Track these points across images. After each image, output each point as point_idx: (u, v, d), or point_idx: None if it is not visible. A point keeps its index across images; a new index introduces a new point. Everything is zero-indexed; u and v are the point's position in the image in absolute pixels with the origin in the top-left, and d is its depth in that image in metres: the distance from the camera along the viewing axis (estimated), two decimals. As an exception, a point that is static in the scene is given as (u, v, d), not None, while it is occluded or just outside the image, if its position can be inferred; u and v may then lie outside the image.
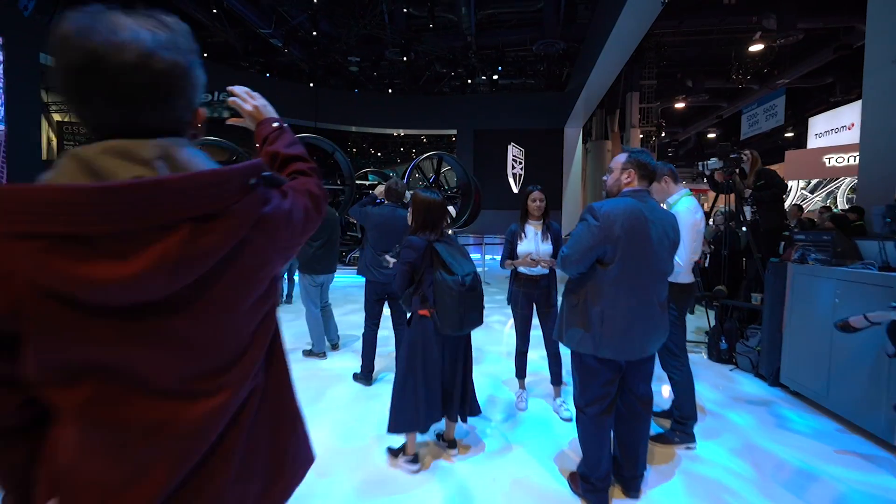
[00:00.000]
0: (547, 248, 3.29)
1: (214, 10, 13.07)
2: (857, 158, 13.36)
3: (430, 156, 12.53)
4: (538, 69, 18.18)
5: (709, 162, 4.79)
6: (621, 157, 2.21)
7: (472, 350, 2.83)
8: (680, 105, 20.15)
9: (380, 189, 3.84)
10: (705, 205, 22.10)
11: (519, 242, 3.38)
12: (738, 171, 4.72)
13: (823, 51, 16.43)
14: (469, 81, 18.01)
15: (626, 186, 2.16)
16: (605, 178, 2.30)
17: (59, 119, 19.90)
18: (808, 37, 15.64)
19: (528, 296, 3.45)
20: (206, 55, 16.32)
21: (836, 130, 16.09)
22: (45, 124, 19.77)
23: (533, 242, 3.32)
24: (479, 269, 9.57)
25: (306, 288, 4.25)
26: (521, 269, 3.38)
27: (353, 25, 14.65)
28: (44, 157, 19.87)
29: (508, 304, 3.56)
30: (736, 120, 25.20)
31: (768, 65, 14.56)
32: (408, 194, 3.90)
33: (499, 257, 13.20)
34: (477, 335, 5.52)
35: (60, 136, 19.65)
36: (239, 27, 15.81)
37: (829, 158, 14.45)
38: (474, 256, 12.79)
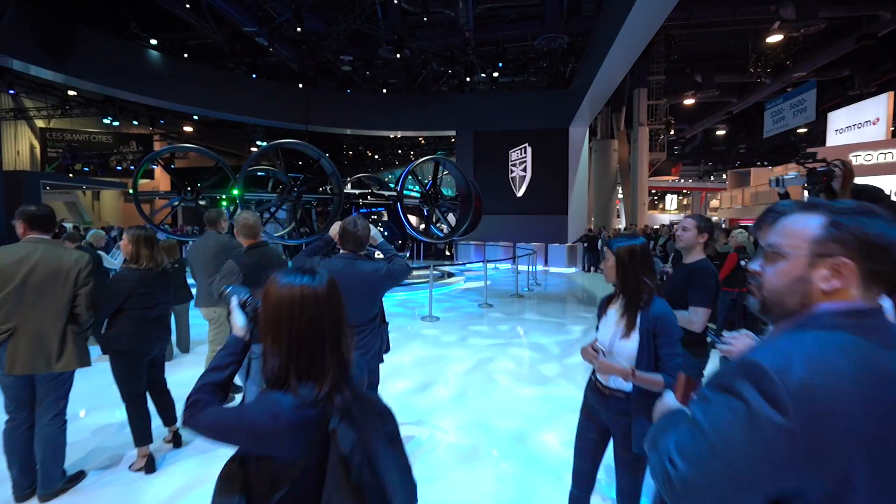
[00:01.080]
0: (627, 346, 1.81)
1: (188, 5, 11.76)
2: (891, 156, 11.97)
3: (426, 161, 11.26)
4: (540, 66, 16.86)
5: (785, 175, 3.50)
6: (809, 225, 0.85)
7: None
8: (689, 101, 18.78)
9: (334, 230, 2.58)
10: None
11: (600, 323, 2.02)
12: (825, 187, 3.43)
13: (842, 41, 15.08)
14: (468, 80, 16.71)
15: (828, 299, 0.87)
16: (755, 266, 1.02)
17: (43, 126, 18.71)
18: (825, 27, 14.34)
19: (592, 413, 2.01)
20: (185, 56, 15.08)
21: (858, 126, 14.73)
22: (27, 130, 18.62)
23: (609, 329, 1.91)
24: (479, 283, 8.14)
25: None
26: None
27: (341, 21, 13.35)
28: (27, 162, 18.78)
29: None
30: (746, 116, 23.86)
31: (791, 56, 13.18)
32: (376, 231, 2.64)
33: (503, 267, 11.62)
34: (473, 393, 4.05)
35: (44, 142, 18.48)
36: (226, 27, 14.60)
37: (857, 156, 13.12)
38: (476, 265, 11.49)
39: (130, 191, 9.44)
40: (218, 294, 1.40)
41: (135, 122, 18.51)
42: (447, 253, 17.46)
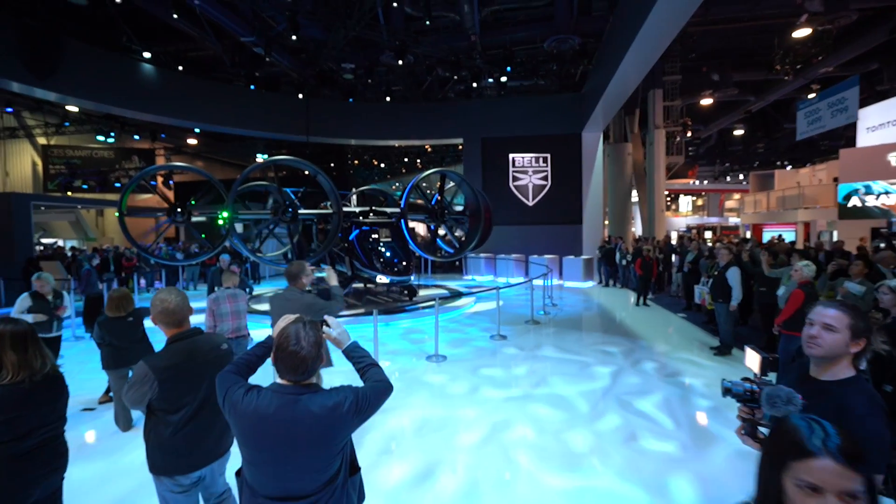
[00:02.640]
0: None
1: (180, 16, 10.99)
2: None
3: (431, 174, 10.35)
4: (550, 69, 15.86)
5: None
6: None
7: None
8: (707, 101, 17.62)
9: (281, 324, 1.66)
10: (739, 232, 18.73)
11: None
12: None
13: (872, 33, 13.87)
14: (475, 85, 15.79)
15: None
16: None
17: (45, 143, 18.16)
18: (856, 18, 13.15)
19: None
20: (180, 68, 14.35)
21: (893, 123, 13.50)
22: (28, 148, 18.11)
23: None
24: (491, 304, 7.06)
25: (165, 499, 2.13)
26: None
27: (341, 27, 12.52)
28: (29, 180, 18.26)
29: None
30: (763, 115, 22.51)
31: (824, 50, 12.01)
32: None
33: (514, 280, 10.40)
34: (487, 485, 3.18)
35: (46, 159, 17.93)
36: (226, 38, 13.90)
37: (896, 157, 11.93)
38: (486, 279, 10.52)
39: (116, 214, 8.66)
40: None
41: (136, 137, 17.88)
42: (456, 264, 16.52)
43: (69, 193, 17.28)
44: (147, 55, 13.34)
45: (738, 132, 23.36)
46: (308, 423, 1.47)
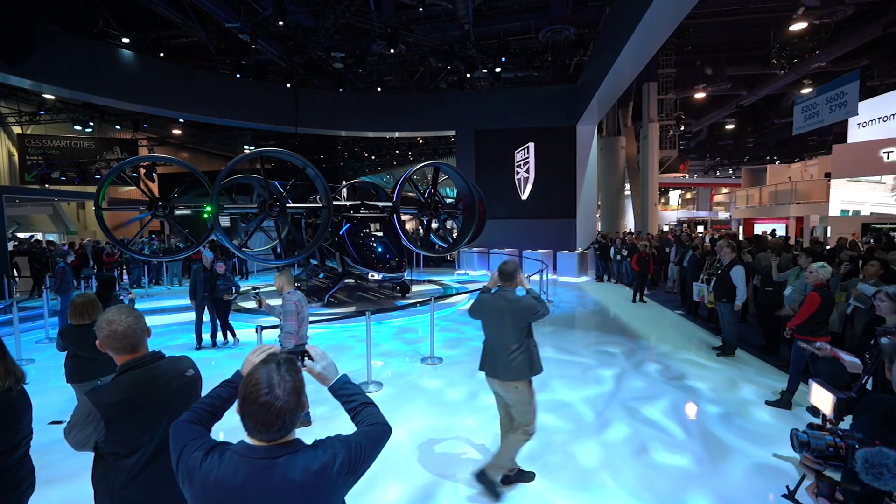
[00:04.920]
0: None
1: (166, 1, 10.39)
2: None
3: (424, 166, 9.99)
4: (545, 59, 15.50)
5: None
6: None
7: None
8: (700, 95, 17.41)
9: (252, 359, 1.32)
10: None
11: None
12: None
13: (865, 29, 13.73)
14: (468, 76, 15.37)
15: None
16: None
17: (20, 132, 17.32)
18: (852, 13, 12.99)
19: None
20: (161, 55, 13.69)
21: (884, 119, 13.44)
22: (3, 138, 17.28)
23: None
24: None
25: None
26: None
27: (330, 14, 12.00)
28: (5, 172, 17.48)
29: None
30: (753, 109, 22.42)
31: (822, 45, 11.81)
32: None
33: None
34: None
35: (23, 149, 17.13)
36: (210, 24, 13.27)
37: (889, 153, 11.82)
38: (480, 273, 10.14)
39: (94, 207, 8.17)
40: None
41: (117, 127, 17.13)
42: (449, 259, 16.20)
43: (47, 186, 16.53)
44: (126, 41, 12.66)
45: (729, 127, 23.27)
46: (288, 496, 1.13)
